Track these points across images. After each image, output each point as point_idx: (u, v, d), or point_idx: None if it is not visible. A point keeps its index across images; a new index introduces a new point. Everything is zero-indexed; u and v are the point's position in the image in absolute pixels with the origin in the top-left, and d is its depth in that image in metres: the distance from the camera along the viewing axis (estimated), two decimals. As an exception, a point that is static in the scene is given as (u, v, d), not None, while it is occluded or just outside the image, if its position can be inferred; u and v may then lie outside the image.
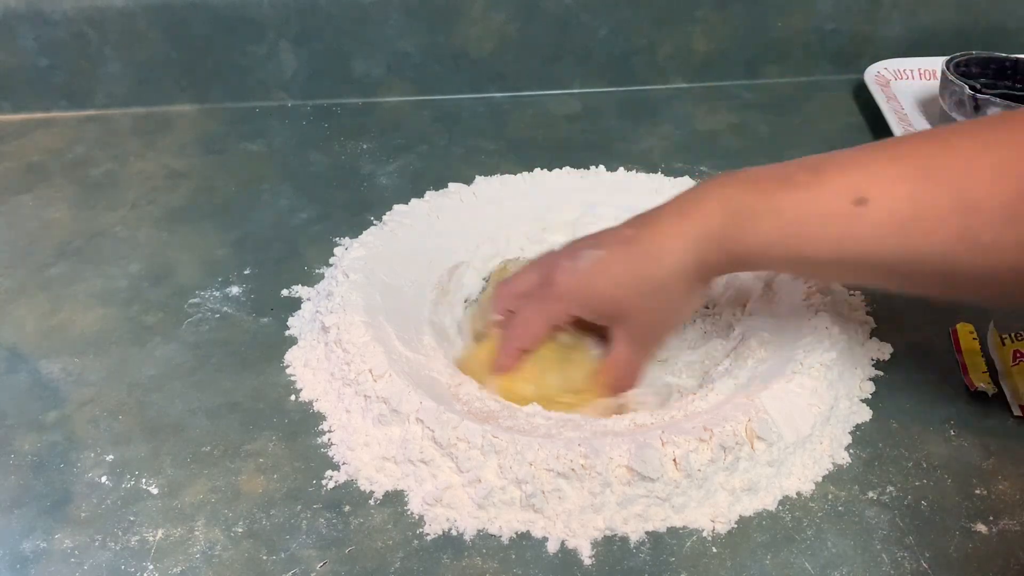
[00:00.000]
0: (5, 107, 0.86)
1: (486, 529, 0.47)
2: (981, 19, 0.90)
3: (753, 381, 0.53)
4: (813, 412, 0.51)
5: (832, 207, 0.46)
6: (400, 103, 0.88)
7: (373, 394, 0.51)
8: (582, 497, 0.47)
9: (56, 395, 0.56)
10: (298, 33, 0.85)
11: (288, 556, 0.46)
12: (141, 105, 0.87)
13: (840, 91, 0.89)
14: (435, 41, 0.87)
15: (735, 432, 0.48)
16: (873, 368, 0.57)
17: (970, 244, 0.44)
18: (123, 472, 0.51)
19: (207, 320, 0.62)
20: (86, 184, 0.77)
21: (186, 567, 0.46)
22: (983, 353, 0.57)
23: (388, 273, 0.61)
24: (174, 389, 0.56)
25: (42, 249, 0.69)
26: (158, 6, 0.83)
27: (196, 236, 0.70)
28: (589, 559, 0.46)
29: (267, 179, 0.77)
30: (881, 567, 0.45)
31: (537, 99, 0.89)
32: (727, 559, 0.46)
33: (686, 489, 0.47)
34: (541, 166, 0.73)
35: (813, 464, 0.50)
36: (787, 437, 0.49)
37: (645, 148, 0.80)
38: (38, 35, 0.83)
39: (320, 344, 0.57)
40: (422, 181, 0.74)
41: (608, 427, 0.51)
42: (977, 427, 0.53)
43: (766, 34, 0.89)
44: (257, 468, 0.51)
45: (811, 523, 0.48)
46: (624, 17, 0.87)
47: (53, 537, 0.47)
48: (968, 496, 0.49)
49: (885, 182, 0.46)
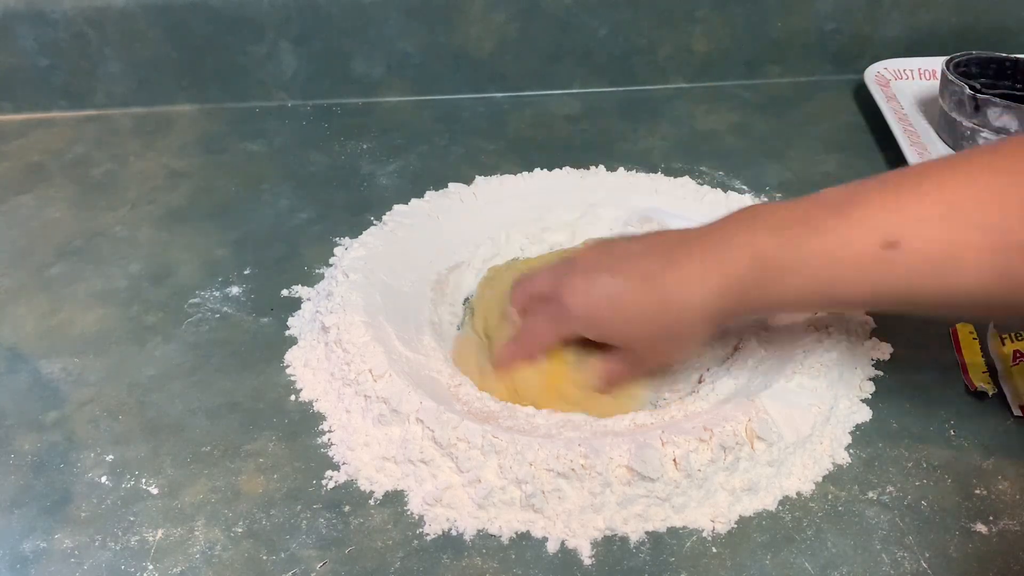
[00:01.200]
0: (5, 107, 0.86)
1: (486, 529, 0.47)
2: (981, 19, 0.90)
3: (753, 381, 0.54)
4: (813, 412, 0.51)
5: (861, 251, 0.45)
6: (400, 103, 0.88)
7: (373, 394, 0.51)
8: (582, 497, 0.47)
9: (56, 395, 0.56)
10: (298, 33, 0.85)
11: (288, 556, 0.46)
12: (141, 105, 0.87)
13: (840, 91, 0.89)
14: (435, 41, 0.87)
15: (735, 432, 0.48)
16: (873, 368, 0.57)
17: (1006, 280, 0.43)
18: (123, 472, 0.51)
19: (207, 320, 0.62)
20: (86, 184, 0.77)
21: (186, 567, 0.46)
22: (983, 353, 0.57)
23: (388, 273, 0.61)
24: (174, 389, 0.56)
25: (42, 249, 0.69)
26: (158, 6, 0.83)
27: (196, 236, 0.70)
28: (589, 559, 0.46)
29: (267, 179, 0.77)
30: (881, 567, 0.45)
31: (537, 99, 0.89)
32: (727, 559, 0.46)
33: (686, 489, 0.47)
34: (541, 166, 0.73)
35: (813, 464, 0.50)
36: (787, 437, 0.49)
37: (645, 148, 0.80)
38: (38, 35, 0.83)
39: (320, 344, 0.57)
40: (422, 181, 0.74)
41: (608, 427, 0.51)
42: (977, 427, 0.53)
43: (766, 34, 0.89)
44: (257, 468, 0.51)
45: (811, 523, 0.48)
46: (624, 17, 0.87)
47: (53, 537, 0.47)
48: (968, 496, 0.49)
49: (914, 223, 0.45)
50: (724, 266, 0.48)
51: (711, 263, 0.49)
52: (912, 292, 0.46)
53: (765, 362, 0.55)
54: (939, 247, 0.44)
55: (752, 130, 0.84)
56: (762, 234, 0.48)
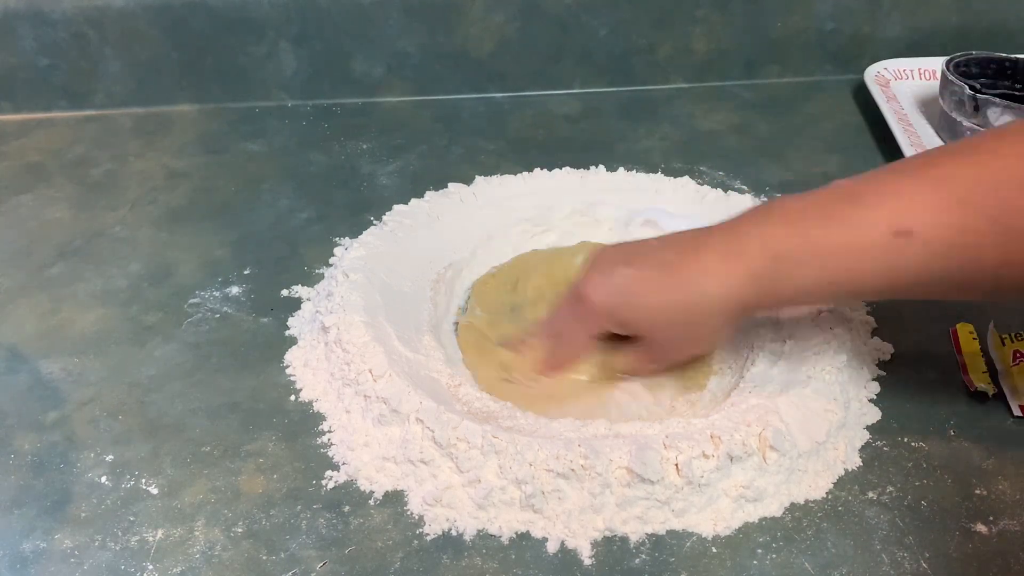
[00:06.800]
0: (5, 107, 0.86)
1: (486, 529, 0.47)
2: (981, 19, 0.90)
3: (764, 386, 0.53)
4: (829, 419, 0.50)
5: (874, 240, 0.46)
6: (400, 103, 0.88)
7: (373, 394, 0.51)
8: (582, 498, 0.47)
9: (56, 395, 0.56)
10: (298, 33, 0.85)
11: (288, 556, 0.46)
12: (141, 105, 0.87)
13: (840, 91, 0.89)
14: (435, 41, 0.87)
15: (744, 442, 0.48)
16: (877, 368, 0.57)
17: (1016, 265, 0.44)
18: (123, 472, 0.51)
19: (207, 320, 0.62)
20: (86, 184, 0.77)
21: (186, 567, 0.46)
22: (983, 353, 0.57)
23: (388, 273, 0.61)
24: (174, 389, 0.56)
25: (42, 249, 0.69)
26: (158, 6, 0.83)
27: (196, 236, 0.70)
28: (589, 559, 0.46)
29: (267, 179, 0.77)
30: (881, 567, 0.45)
31: (537, 99, 0.89)
32: (727, 559, 0.46)
33: (687, 495, 0.47)
34: (541, 166, 0.73)
35: (825, 470, 0.50)
36: (801, 446, 0.49)
37: (645, 148, 0.80)
38: (38, 35, 0.83)
39: (320, 344, 0.57)
40: (422, 181, 0.74)
41: (612, 429, 0.51)
42: (977, 427, 0.53)
43: (766, 34, 0.89)
44: (257, 468, 0.51)
45: (811, 523, 0.48)
46: (624, 17, 0.87)
47: (53, 537, 0.47)
48: (968, 496, 0.49)
49: (925, 211, 0.46)
50: (741, 258, 0.49)
51: (729, 255, 0.50)
52: (925, 278, 0.46)
53: (775, 365, 0.55)
54: (948, 234, 0.45)
55: (752, 130, 0.84)
56: (777, 227, 0.49)
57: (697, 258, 0.51)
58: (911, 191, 0.47)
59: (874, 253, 0.46)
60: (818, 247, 0.48)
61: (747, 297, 0.49)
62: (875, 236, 0.46)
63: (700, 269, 0.50)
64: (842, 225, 0.47)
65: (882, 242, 0.46)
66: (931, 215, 0.45)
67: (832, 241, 0.47)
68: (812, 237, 0.48)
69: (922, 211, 0.46)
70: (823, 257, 0.48)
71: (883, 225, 0.46)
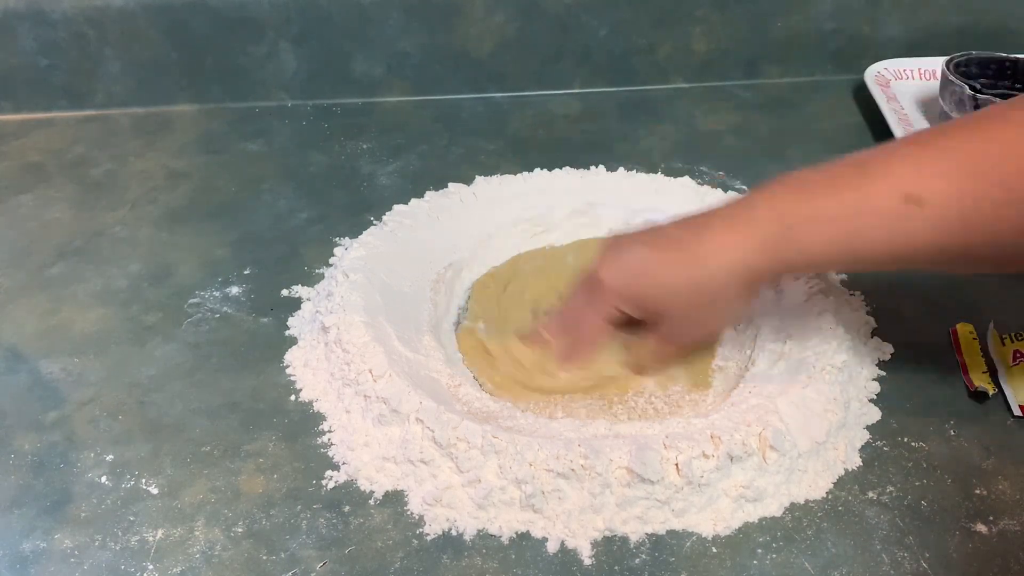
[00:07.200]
0: (5, 107, 0.86)
1: (486, 529, 0.47)
2: (981, 19, 0.90)
3: (764, 385, 0.53)
4: (829, 419, 0.50)
5: (883, 206, 0.46)
6: (400, 103, 0.88)
7: (373, 394, 0.51)
8: (582, 498, 0.47)
9: (56, 395, 0.56)
10: (298, 33, 0.85)
11: (288, 556, 0.46)
12: (141, 105, 0.87)
13: (840, 91, 0.89)
14: (435, 41, 0.87)
15: (744, 442, 0.48)
16: (877, 368, 0.57)
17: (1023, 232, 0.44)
18: (123, 472, 0.51)
19: (207, 320, 0.62)
20: (86, 184, 0.77)
21: (186, 567, 0.46)
22: (983, 353, 0.57)
23: (388, 273, 0.61)
24: (174, 389, 0.56)
25: (42, 249, 0.69)
26: (158, 6, 0.83)
27: (196, 236, 0.70)
28: (589, 559, 0.46)
29: (267, 179, 0.77)
30: (881, 567, 0.45)
31: (537, 99, 0.89)
32: (727, 559, 0.46)
33: (687, 495, 0.47)
34: (541, 166, 0.73)
35: (825, 470, 0.50)
36: (801, 446, 0.49)
37: (645, 148, 0.80)
38: (38, 35, 0.83)
39: (320, 344, 0.57)
40: (422, 181, 0.74)
41: (612, 429, 0.51)
42: (977, 427, 0.53)
43: (766, 34, 0.89)
44: (257, 468, 0.51)
45: (811, 523, 0.48)
46: (624, 17, 0.87)
47: (53, 537, 0.47)
48: (968, 496, 0.49)
49: (935, 179, 0.46)
50: (751, 226, 0.49)
51: (738, 225, 0.50)
52: (934, 246, 0.46)
53: (776, 365, 0.55)
54: (958, 202, 0.45)
55: (752, 130, 0.84)
56: (787, 195, 0.49)
57: (708, 230, 0.51)
58: (921, 159, 0.47)
59: (884, 219, 0.46)
60: (827, 213, 0.48)
61: (759, 264, 0.49)
62: (885, 202, 0.46)
63: (711, 240, 0.50)
64: (852, 191, 0.47)
65: (892, 208, 0.46)
66: (941, 182, 0.45)
67: (842, 207, 0.47)
68: (821, 203, 0.48)
69: (931, 179, 0.46)
70: (832, 222, 0.48)
71: (893, 191, 0.46)
